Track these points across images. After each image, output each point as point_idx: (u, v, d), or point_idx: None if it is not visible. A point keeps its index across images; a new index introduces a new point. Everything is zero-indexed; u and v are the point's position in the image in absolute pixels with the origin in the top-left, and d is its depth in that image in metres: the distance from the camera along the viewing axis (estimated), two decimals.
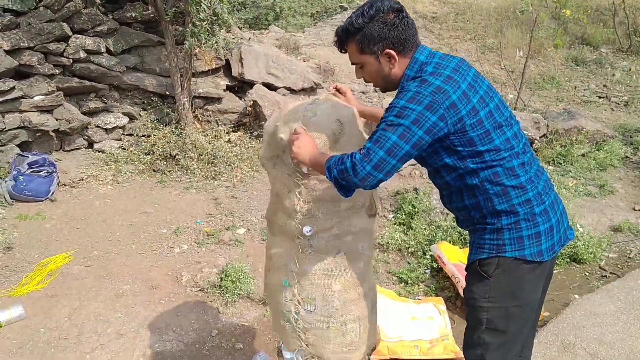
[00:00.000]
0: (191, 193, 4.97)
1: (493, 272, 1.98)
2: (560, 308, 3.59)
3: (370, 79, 2.03)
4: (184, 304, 3.48)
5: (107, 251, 3.98)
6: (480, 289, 2.02)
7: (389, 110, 1.83)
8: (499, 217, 1.95)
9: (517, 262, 1.96)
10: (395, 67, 1.95)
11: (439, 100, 1.78)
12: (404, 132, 1.77)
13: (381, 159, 1.78)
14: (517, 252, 1.95)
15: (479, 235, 2.01)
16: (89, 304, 3.37)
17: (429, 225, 4.40)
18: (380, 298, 3.55)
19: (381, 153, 1.78)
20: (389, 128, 1.79)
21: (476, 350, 2.07)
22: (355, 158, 1.81)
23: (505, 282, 1.98)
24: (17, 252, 3.89)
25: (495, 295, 1.99)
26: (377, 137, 1.80)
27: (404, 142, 1.78)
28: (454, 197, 2.04)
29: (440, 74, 1.85)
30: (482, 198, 1.94)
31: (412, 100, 1.78)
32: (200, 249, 4.09)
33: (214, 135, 5.71)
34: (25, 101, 4.98)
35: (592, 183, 5.37)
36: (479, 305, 2.02)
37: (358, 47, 1.95)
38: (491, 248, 1.97)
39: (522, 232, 1.94)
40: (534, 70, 8.48)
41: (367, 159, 1.79)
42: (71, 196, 4.78)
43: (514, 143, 1.92)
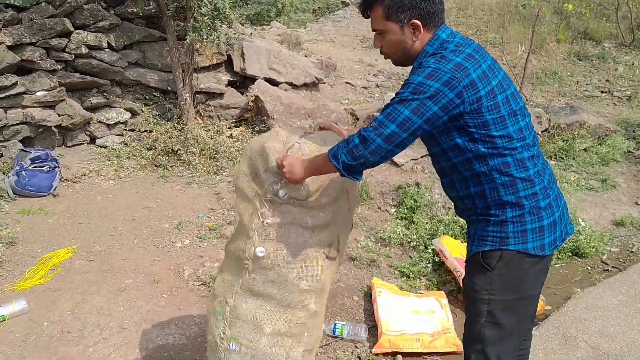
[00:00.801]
0: (193, 188, 4.98)
1: (495, 264, 1.96)
2: (562, 302, 3.58)
3: (389, 50, 1.97)
4: (186, 298, 3.49)
5: (109, 246, 3.99)
6: (482, 281, 2.00)
7: (405, 87, 1.79)
8: (504, 208, 1.92)
9: (520, 255, 1.94)
10: (418, 39, 1.90)
11: (459, 77, 1.74)
12: (418, 106, 1.74)
13: (392, 132, 1.76)
14: (520, 245, 1.93)
15: (482, 226, 1.99)
16: (91, 298, 3.38)
17: (430, 220, 4.40)
18: (382, 292, 3.56)
19: (393, 127, 1.76)
20: (402, 103, 1.76)
21: (476, 344, 2.06)
22: (365, 132, 1.78)
23: (507, 275, 1.97)
24: (20, 247, 3.91)
25: (496, 288, 1.98)
26: (389, 111, 1.78)
27: (417, 117, 1.75)
28: (458, 184, 2.00)
29: (461, 52, 1.82)
30: (488, 187, 1.91)
31: (431, 76, 1.74)
32: (202, 243, 4.10)
33: (215, 131, 5.72)
34: (28, 97, 4.99)
35: (595, 177, 5.37)
36: (480, 298, 2.01)
37: (385, 12, 1.88)
38: (494, 240, 1.95)
39: (526, 226, 1.92)
40: (536, 65, 8.46)
41: (378, 132, 1.76)
42: (74, 191, 4.79)
43: (526, 134, 1.90)
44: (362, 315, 3.59)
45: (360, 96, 6.86)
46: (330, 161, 1.88)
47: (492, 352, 2.03)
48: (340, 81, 7.40)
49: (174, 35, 5.43)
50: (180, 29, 5.51)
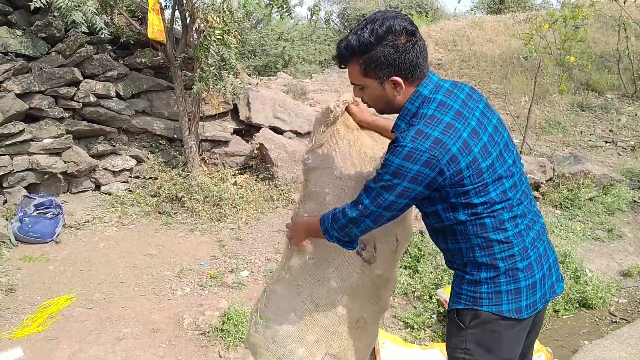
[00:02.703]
0: (196, 235, 4.97)
1: (469, 323, 1.87)
2: (569, 354, 3.49)
3: (370, 102, 1.89)
4: (184, 348, 3.42)
5: (109, 293, 3.95)
6: (457, 339, 1.90)
7: (385, 167, 1.73)
8: (479, 269, 1.85)
9: (494, 317, 1.84)
10: (400, 94, 1.81)
11: (438, 155, 1.67)
12: (402, 191, 1.72)
13: (379, 214, 1.79)
14: (494, 307, 1.84)
15: (458, 282, 1.92)
16: (88, 348, 3.32)
17: (435, 269, 4.34)
18: (385, 344, 3.49)
19: (380, 211, 1.78)
20: (387, 189, 1.73)
21: None
22: (352, 212, 1.82)
23: (481, 337, 1.87)
24: (19, 294, 3.87)
25: (471, 348, 1.88)
26: (375, 195, 1.77)
27: (402, 199, 1.74)
28: (439, 237, 1.95)
29: (439, 121, 1.71)
30: (464, 246, 1.85)
31: (409, 158, 1.67)
32: (203, 291, 4.05)
33: (220, 178, 5.74)
34: (34, 144, 5.05)
35: (600, 227, 5.31)
36: (455, 356, 1.91)
37: (362, 70, 1.79)
38: (468, 299, 1.87)
39: (500, 287, 1.83)
40: (539, 115, 8.53)
41: (367, 215, 1.80)
42: (76, 238, 4.78)
43: (511, 195, 1.81)
44: None
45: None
46: (324, 235, 1.94)
47: None
48: None
49: (181, 85, 5.52)
50: (187, 79, 5.62)
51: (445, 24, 13.34)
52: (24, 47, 5.01)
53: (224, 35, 5.09)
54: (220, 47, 5.23)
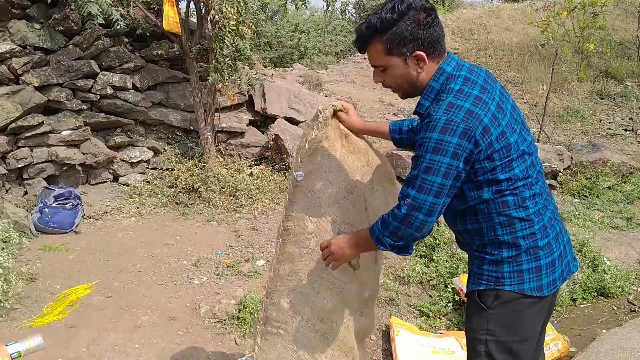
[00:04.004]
0: (212, 225, 5.01)
1: (491, 304, 1.89)
2: (587, 343, 3.46)
3: (393, 84, 1.87)
4: (201, 336, 3.46)
5: (127, 282, 4.00)
6: (479, 320, 1.92)
7: (423, 147, 1.70)
8: (500, 248, 1.86)
9: (516, 296, 1.86)
10: (423, 71, 1.80)
11: (472, 126, 1.68)
12: (446, 170, 1.68)
13: (432, 204, 1.72)
14: (516, 286, 1.85)
15: (478, 264, 1.93)
16: (107, 335, 3.37)
17: (450, 258, 4.33)
18: (400, 332, 3.49)
19: (430, 199, 1.71)
20: (430, 170, 1.69)
21: None
22: (401, 212, 1.74)
23: (504, 316, 1.89)
24: (39, 283, 3.94)
25: (493, 329, 1.89)
26: (420, 183, 1.70)
27: (448, 180, 1.70)
28: (458, 219, 1.95)
29: (468, 94, 1.73)
30: (485, 225, 1.86)
31: (446, 130, 1.67)
32: (220, 280, 4.09)
33: (236, 169, 5.77)
34: (53, 136, 5.12)
35: (619, 216, 5.25)
36: (477, 338, 1.92)
37: (385, 47, 1.77)
38: (489, 280, 1.88)
39: (522, 266, 1.85)
40: (557, 103, 8.43)
41: (417, 208, 1.72)
42: (95, 228, 4.85)
43: (531, 172, 1.83)
44: (380, 355, 3.52)
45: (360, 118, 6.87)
46: (376, 245, 1.85)
47: None
48: None
49: (196, 76, 5.55)
50: (202, 70, 5.65)
51: (461, 12, 13.23)
52: (42, 40, 5.07)
53: (239, 26, 5.10)
54: (234, 38, 5.24)
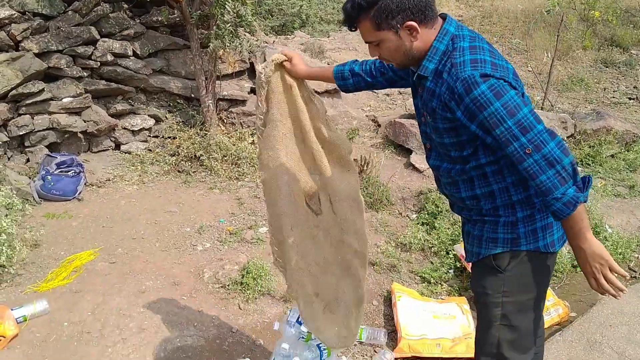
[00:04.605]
0: (215, 193, 5.01)
1: (507, 266, 1.91)
2: (587, 308, 3.50)
3: (389, 57, 1.84)
4: (205, 301, 3.50)
5: (131, 249, 4.02)
6: (494, 284, 1.94)
7: (498, 121, 1.65)
8: (514, 208, 1.87)
9: (532, 254, 1.89)
10: (417, 39, 1.77)
11: (505, 74, 1.69)
12: (531, 114, 1.65)
13: (544, 129, 1.66)
14: (532, 244, 1.88)
15: (490, 228, 1.92)
16: (112, 300, 3.40)
17: (452, 225, 4.34)
18: (402, 296, 3.52)
19: (540, 127, 1.65)
20: (526, 128, 1.64)
21: (491, 348, 2.01)
22: (541, 162, 1.64)
23: (519, 276, 1.91)
24: (43, 249, 3.96)
25: (509, 290, 1.92)
26: (520, 129, 1.63)
27: (528, 105, 1.68)
28: (462, 185, 1.94)
29: (482, 48, 1.74)
30: (497, 187, 1.86)
31: (498, 95, 1.64)
32: (223, 247, 4.11)
33: (238, 137, 5.75)
34: (54, 103, 5.09)
35: (622, 184, 5.25)
36: (492, 302, 1.95)
37: (374, 23, 1.75)
38: (505, 242, 1.89)
39: (536, 224, 1.87)
40: (562, 71, 8.34)
41: (542, 143, 1.64)
42: (98, 196, 4.86)
43: None
44: (382, 320, 3.55)
45: (382, 103, 6.84)
46: (577, 206, 1.65)
47: (509, 354, 1.99)
48: None
49: (197, 43, 5.49)
50: (203, 37, 5.58)
51: None
52: (40, 6, 4.99)
53: None
54: (235, 3, 5.17)
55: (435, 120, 1.86)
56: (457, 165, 1.92)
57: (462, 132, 1.81)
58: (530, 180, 1.68)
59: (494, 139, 1.71)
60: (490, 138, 1.73)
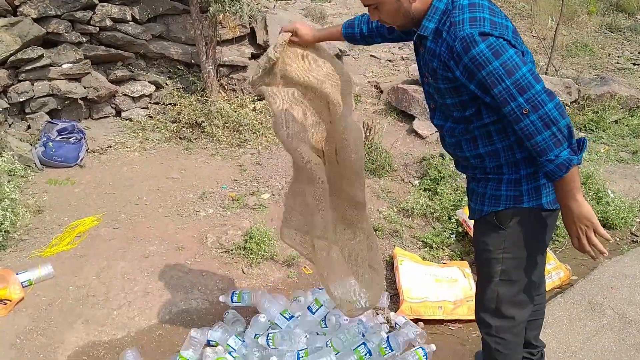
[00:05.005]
0: (217, 160, 5.00)
1: (509, 223, 1.92)
2: (588, 272, 3.52)
3: (389, 19, 1.86)
4: (209, 265, 3.53)
5: (134, 214, 4.04)
6: (495, 240, 1.97)
7: (497, 80, 1.65)
8: (518, 166, 1.88)
9: (534, 211, 1.91)
10: (415, 1, 1.78)
11: (504, 33, 1.68)
12: (530, 74, 1.65)
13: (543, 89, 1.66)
14: (534, 201, 1.89)
15: (494, 186, 1.93)
16: (116, 264, 3.43)
17: (454, 191, 4.35)
18: (404, 261, 3.54)
19: (538, 87, 1.65)
20: (524, 88, 1.64)
21: (490, 303, 2.05)
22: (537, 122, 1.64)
23: (520, 233, 1.93)
24: (47, 215, 3.98)
25: (510, 246, 1.95)
26: (517, 88, 1.64)
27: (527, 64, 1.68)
28: (465, 144, 1.95)
29: (482, 6, 1.73)
30: (501, 145, 1.86)
31: (497, 54, 1.64)
32: (226, 212, 4.12)
33: (239, 104, 5.72)
34: (54, 69, 5.03)
35: (625, 149, 5.24)
36: (493, 258, 1.98)
37: None
38: (508, 199, 1.91)
39: (539, 181, 1.88)
40: (566, 37, 8.24)
41: (540, 103, 1.64)
42: (99, 162, 4.85)
43: None
44: (384, 284, 3.58)
45: (384, 69, 6.78)
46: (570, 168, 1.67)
47: (507, 310, 2.03)
48: (364, 54, 7.32)
49: (197, 7, 5.41)
50: (203, 1, 5.49)
51: None
52: None
53: None
54: None
55: (436, 80, 1.87)
56: (460, 125, 1.93)
57: (463, 92, 1.82)
58: (525, 140, 1.70)
59: (492, 99, 1.73)
60: (489, 98, 1.75)
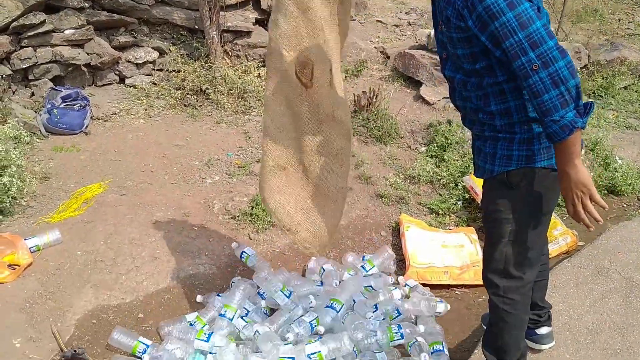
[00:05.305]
0: (222, 127, 4.98)
1: (520, 182, 1.92)
2: (595, 237, 3.51)
3: None
4: (216, 231, 3.53)
5: (140, 181, 4.03)
6: (506, 200, 1.96)
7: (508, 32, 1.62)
8: (530, 125, 1.86)
9: (545, 171, 1.90)
10: None
11: None
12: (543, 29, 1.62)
13: (555, 46, 1.62)
14: (545, 161, 1.88)
15: (504, 145, 1.91)
16: (123, 230, 3.44)
17: (461, 157, 4.32)
18: (410, 227, 3.55)
19: (550, 43, 1.62)
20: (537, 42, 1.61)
21: (498, 264, 2.06)
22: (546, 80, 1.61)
23: (531, 192, 1.93)
24: (53, 182, 3.98)
25: (520, 207, 1.95)
26: (530, 43, 1.61)
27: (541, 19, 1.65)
28: (477, 100, 1.92)
29: None
30: (514, 104, 1.84)
31: (512, 5, 1.62)
32: (232, 179, 4.12)
33: (243, 70, 5.66)
34: (57, 35, 4.98)
35: (634, 116, 5.18)
36: (504, 218, 1.98)
37: None
38: (520, 159, 1.89)
39: None
40: (576, 2, 8.09)
41: (551, 60, 1.61)
42: (104, 130, 4.83)
43: None
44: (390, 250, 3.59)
45: (391, 34, 6.68)
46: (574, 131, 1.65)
47: (515, 270, 2.04)
48: (370, 19, 7.20)
49: None
50: None
51: None
52: None
53: None
54: None
55: (449, 29, 1.85)
56: (471, 79, 1.90)
57: (474, 43, 1.79)
58: (532, 98, 1.68)
59: (503, 53, 1.70)
60: (500, 51, 1.72)
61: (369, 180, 4.17)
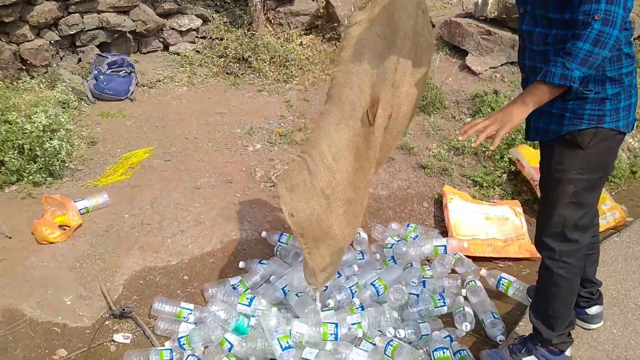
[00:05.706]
0: (264, 95, 4.98)
1: (589, 143, 1.89)
2: None
3: None
4: (258, 198, 3.56)
5: (184, 148, 4.08)
6: (573, 160, 1.94)
7: None
8: (604, 85, 1.83)
9: (612, 133, 1.89)
10: None
11: None
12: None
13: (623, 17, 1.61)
14: (613, 123, 1.87)
15: (577, 104, 1.86)
16: (169, 195, 3.50)
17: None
18: (454, 199, 3.50)
19: (620, 11, 1.60)
20: None
21: (556, 227, 2.04)
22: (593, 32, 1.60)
23: (597, 154, 1.92)
24: (100, 147, 4.07)
25: (586, 167, 1.93)
26: (607, 18, 1.59)
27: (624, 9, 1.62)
28: (554, 54, 1.81)
29: None
30: None
31: None
32: (273, 148, 4.13)
33: (285, 38, 5.62)
34: (103, 1, 5.02)
35: None
36: (567, 178, 1.95)
37: None
38: (591, 119, 1.86)
39: (620, 104, 1.86)
40: None
41: (611, 23, 1.60)
42: (149, 96, 4.89)
43: None
44: (432, 222, 3.57)
45: (437, 2, 6.51)
46: (563, 86, 1.70)
47: (572, 233, 2.03)
48: None
49: None
50: None
51: None
52: None
53: None
54: None
55: None
56: (553, 30, 1.84)
57: None
58: (571, 38, 1.67)
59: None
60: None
61: (412, 151, 4.12)
